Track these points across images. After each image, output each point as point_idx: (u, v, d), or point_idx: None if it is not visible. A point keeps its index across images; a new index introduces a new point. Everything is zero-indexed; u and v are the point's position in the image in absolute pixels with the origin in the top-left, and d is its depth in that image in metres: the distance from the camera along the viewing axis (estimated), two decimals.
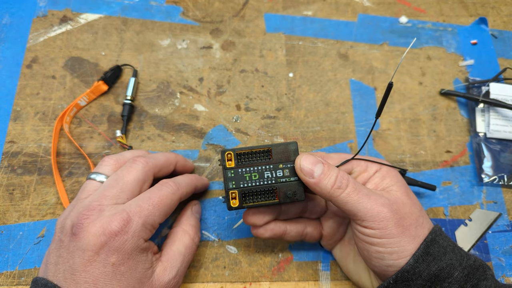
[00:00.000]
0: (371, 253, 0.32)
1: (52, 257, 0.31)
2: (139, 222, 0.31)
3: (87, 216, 0.31)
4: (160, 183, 0.35)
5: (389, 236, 0.30)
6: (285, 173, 0.33)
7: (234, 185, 0.33)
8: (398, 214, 0.31)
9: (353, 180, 0.32)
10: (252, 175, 0.33)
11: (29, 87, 0.46)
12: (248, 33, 0.51)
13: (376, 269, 0.32)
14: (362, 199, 0.31)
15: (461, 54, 0.51)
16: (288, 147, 0.33)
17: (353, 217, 0.32)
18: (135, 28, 0.50)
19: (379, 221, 0.30)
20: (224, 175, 0.33)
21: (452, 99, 0.49)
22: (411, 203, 0.33)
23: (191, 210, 0.39)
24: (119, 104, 0.46)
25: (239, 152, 0.33)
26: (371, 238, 0.31)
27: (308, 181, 0.32)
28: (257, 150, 0.33)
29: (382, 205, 0.31)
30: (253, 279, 0.39)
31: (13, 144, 0.43)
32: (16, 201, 0.41)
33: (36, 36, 0.48)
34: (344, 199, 0.31)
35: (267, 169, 0.33)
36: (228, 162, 0.33)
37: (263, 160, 0.33)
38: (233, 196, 0.33)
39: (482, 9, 0.55)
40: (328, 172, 0.32)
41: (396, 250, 0.30)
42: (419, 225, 0.32)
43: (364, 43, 0.51)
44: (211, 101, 0.47)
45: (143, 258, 0.31)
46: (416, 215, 0.32)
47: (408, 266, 0.30)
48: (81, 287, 0.29)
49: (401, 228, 0.31)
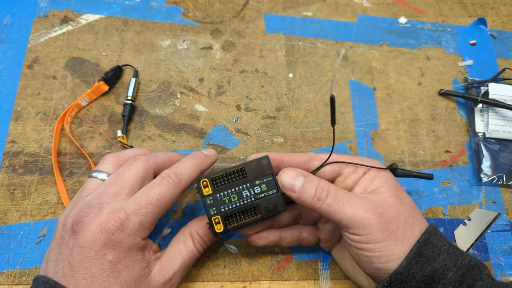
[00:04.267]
0: (360, 257, 0.32)
1: (53, 254, 0.31)
2: (136, 220, 0.31)
3: (87, 214, 0.31)
4: (161, 175, 0.34)
5: (374, 241, 0.31)
6: (262, 188, 0.34)
7: (215, 211, 0.33)
8: (383, 218, 0.31)
9: (334, 189, 0.32)
10: (231, 197, 0.33)
11: (30, 87, 0.46)
12: (248, 34, 0.51)
13: (368, 271, 0.32)
14: (344, 207, 0.31)
15: (460, 54, 0.52)
16: (261, 162, 0.34)
17: (339, 225, 0.32)
18: (135, 29, 0.50)
19: (363, 228, 0.31)
20: (204, 203, 0.33)
21: (451, 99, 0.49)
22: (400, 204, 0.33)
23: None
24: (119, 104, 0.46)
25: (213, 177, 0.33)
26: (358, 243, 0.31)
27: (291, 196, 0.32)
28: (231, 171, 0.33)
29: (365, 210, 0.31)
30: (253, 278, 0.39)
31: (14, 144, 0.43)
32: (17, 200, 0.41)
33: (37, 36, 0.48)
34: (326, 210, 0.31)
35: (244, 188, 0.33)
36: (205, 190, 0.33)
37: (239, 180, 0.33)
38: (216, 222, 0.33)
39: (481, 9, 0.55)
40: (308, 185, 0.32)
41: (383, 254, 0.30)
42: (408, 227, 0.32)
43: (363, 44, 0.51)
44: (211, 101, 0.47)
45: (140, 256, 0.31)
46: (404, 216, 0.32)
47: (401, 268, 0.30)
48: (80, 283, 0.29)
49: (387, 233, 0.31)
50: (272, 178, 0.34)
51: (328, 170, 0.36)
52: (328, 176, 0.36)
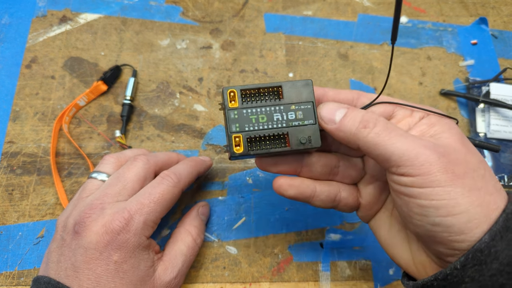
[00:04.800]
0: (411, 209, 0.25)
1: (54, 256, 0.31)
2: (140, 220, 0.31)
3: (89, 214, 0.31)
4: (160, 175, 0.35)
5: (433, 184, 0.23)
6: (298, 115, 0.28)
7: (238, 128, 0.28)
8: (446, 158, 0.24)
9: (384, 120, 0.26)
10: (259, 117, 0.28)
11: (28, 87, 0.46)
12: (248, 33, 0.51)
13: (419, 230, 0.25)
14: (396, 138, 0.25)
15: (461, 54, 0.51)
16: (302, 85, 0.28)
17: (387, 164, 0.25)
18: (134, 28, 0.50)
19: (419, 165, 0.24)
20: (227, 117, 0.28)
21: (452, 99, 0.49)
22: (467, 151, 0.25)
23: (196, 212, 0.39)
24: (118, 104, 0.46)
25: (244, 90, 0.28)
26: (410, 188, 0.24)
27: (330, 128, 0.27)
28: (265, 88, 0.28)
29: (423, 146, 0.24)
30: (253, 279, 0.39)
31: (12, 144, 0.43)
32: (16, 201, 0.41)
33: (35, 36, 0.48)
34: (373, 140, 0.25)
35: (277, 111, 0.28)
36: (231, 103, 0.28)
37: (272, 100, 0.28)
38: (237, 142, 0.28)
39: (482, 9, 0.54)
40: (352, 113, 0.27)
41: (444, 204, 0.23)
42: (478, 178, 0.24)
43: (364, 43, 0.51)
44: (210, 101, 0.47)
45: (145, 256, 0.31)
46: (473, 165, 0.25)
47: (482, 244, 0.22)
48: (84, 284, 0.29)
49: (451, 175, 0.23)
50: (312, 106, 0.28)
51: (378, 110, 0.29)
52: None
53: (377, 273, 0.40)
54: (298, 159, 0.31)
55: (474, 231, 0.23)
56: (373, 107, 0.29)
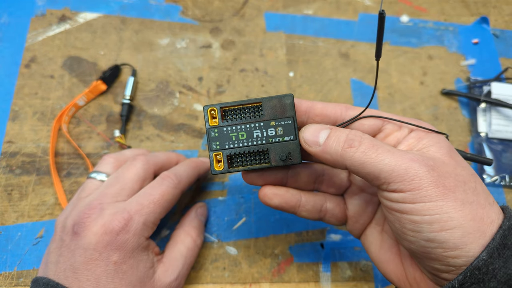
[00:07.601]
0: (404, 225, 0.24)
1: (53, 256, 0.31)
2: (140, 220, 0.31)
3: (88, 215, 0.30)
4: (161, 176, 0.34)
5: (424, 199, 0.23)
6: (278, 131, 0.28)
7: (218, 146, 0.29)
8: (436, 171, 0.24)
9: (369, 137, 0.26)
10: (239, 134, 0.28)
11: (28, 87, 0.45)
12: (248, 32, 0.50)
13: (413, 246, 0.25)
14: (383, 155, 0.24)
15: (463, 53, 0.51)
16: (283, 100, 0.28)
17: (377, 182, 0.25)
18: (134, 27, 0.49)
19: (409, 180, 0.23)
20: (207, 135, 0.29)
21: (454, 99, 0.49)
22: (455, 164, 0.25)
23: (195, 213, 0.39)
24: (118, 104, 0.46)
25: (224, 108, 0.29)
26: (402, 204, 0.24)
27: (316, 151, 0.27)
28: (245, 105, 0.29)
29: (411, 160, 0.24)
30: (253, 280, 0.39)
31: (12, 144, 0.43)
32: (15, 201, 0.41)
33: (34, 35, 0.48)
34: (360, 159, 0.24)
35: (256, 127, 0.28)
36: (212, 120, 0.29)
37: (252, 117, 0.29)
38: (218, 159, 0.29)
39: (484, 8, 0.54)
40: (335, 133, 0.26)
41: (436, 219, 0.23)
42: (470, 190, 0.24)
43: (365, 42, 0.51)
44: (210, 101, 0.46)
45: (145, 257, 0.31)
46: (463, 178, 0.24)
47: (480, 262, 0.22)
48: (83, 285, 0.29)
49: (442, 189, 0.23)
50: (292, 122, 0.28)
51: (367, 123, 0.29)
52: (366, 131, 0.29)
53: (378, 274, 0.40)
54: (283, 169, 0.31)
55: (469, 246, 0.22)
56: (362, 120, 0.29)
